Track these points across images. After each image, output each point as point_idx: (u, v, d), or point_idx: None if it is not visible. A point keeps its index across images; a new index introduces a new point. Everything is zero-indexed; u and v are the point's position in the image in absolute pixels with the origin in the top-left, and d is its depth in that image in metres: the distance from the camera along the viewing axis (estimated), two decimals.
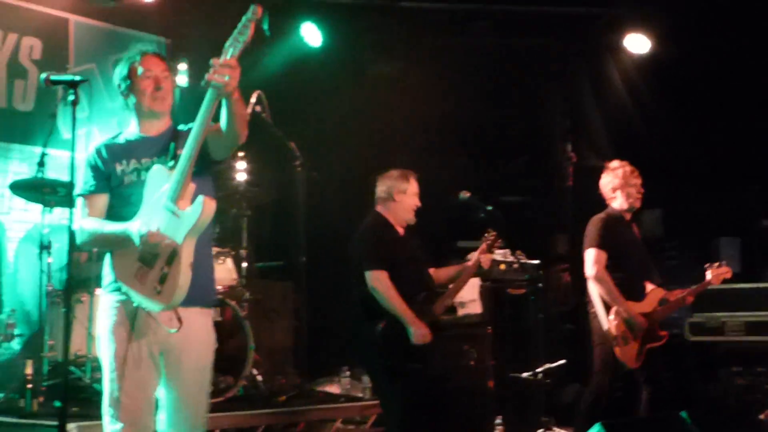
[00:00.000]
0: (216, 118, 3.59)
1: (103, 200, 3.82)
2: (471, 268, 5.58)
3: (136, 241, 3.56)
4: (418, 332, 5.22)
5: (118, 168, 3.81)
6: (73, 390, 5.47)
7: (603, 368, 5.92)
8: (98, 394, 4.86)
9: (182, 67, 8.39)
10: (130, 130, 3.94)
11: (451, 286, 5.61)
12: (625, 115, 9.00)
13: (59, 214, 6.21)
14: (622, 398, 6.31)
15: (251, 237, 7.44)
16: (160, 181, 3.64)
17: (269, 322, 7.14)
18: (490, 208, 5.59)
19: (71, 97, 3.66)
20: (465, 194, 5.65)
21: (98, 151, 3.86)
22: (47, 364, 5.77)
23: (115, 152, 3.84)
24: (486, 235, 5.58)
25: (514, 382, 7.21)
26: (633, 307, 5.82)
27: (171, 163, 3.68)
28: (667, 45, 8.62)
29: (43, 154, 5.91)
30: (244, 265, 6.94)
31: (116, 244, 3.71)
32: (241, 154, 7.19)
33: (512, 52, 9.21)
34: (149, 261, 3.60)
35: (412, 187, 5.60)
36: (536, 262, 6.94)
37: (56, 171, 6.42)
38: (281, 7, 8.67)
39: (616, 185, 6.05)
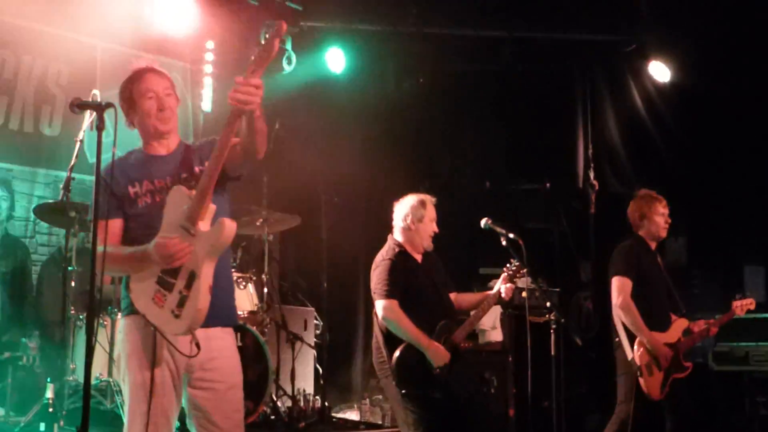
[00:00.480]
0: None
1: (118, 225, 3.75)
2: (492, 298, 5.51)
3: (153, 251, 3.49)
4: (436, 354, 5.13)
5: (132, 191, 3.75)
6: (94, 414, 5.49)
7: (627, 398, 5.86)
8: (119, 418, 4.87)
9: (207, 93, 8.47)
10: (140, 150, 3.88)
11: (472, 314, 5.56)
12: (648, 142, 8.98)
13: (83, 238, 6.25)
14: (646, 428, 6.25)
15: (272, 262, 7.46)
16: (179, 202, 3.58)
17: (290, 348, 7.13)
18: (512, 235, 5.55)
19: (97, 122, 3.58)
20: (487, 221, 5.61)
21: (108, 175, 3.72)
22: (68, 388, 5.80)
23: (127, 175, 3.77)
24: (508, 265, 5.53)
25: (536, 411, 7.15)
26: (657, 338, 5.77)
27: (192, 183, 3.64)
28: (691, 72, 8.61)
29: (69, 179, 5.95)
30: (266, 290, 6.95)
31: (133, 267, 3.65)
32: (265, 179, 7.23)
33: (536, 78, 9.22)
34: (167, 284, 3.55)
35: (429, 213, 5.52)
36: (557, 289, 6.90)
37: (82, 195, 6.47)
38: (306, 32, 8.77)
39: (644, 213, 6.03)
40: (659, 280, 6.01)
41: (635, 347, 5.74)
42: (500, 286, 5.47)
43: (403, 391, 5.14)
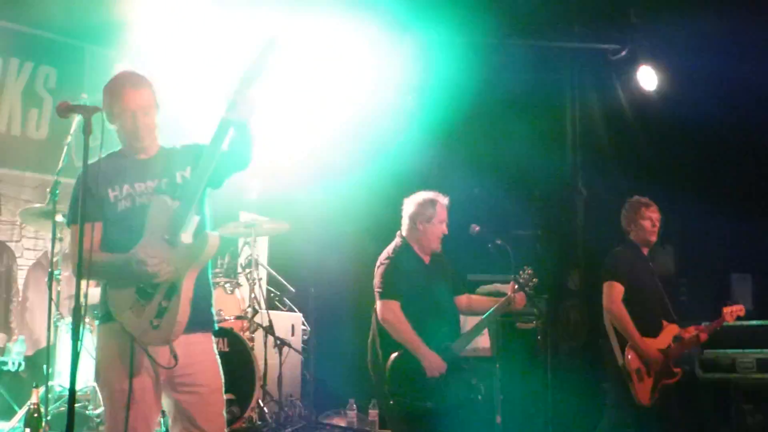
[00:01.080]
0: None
1: (97, 229, 3.70)
2: (500, 306, 5.29)
3: (134, 266, 3.47)
4: (431, 366, 5.01)
5: (111, 194, 3.73)
6: (79, 419, 5.46)
7: (617, 404, 5.86)
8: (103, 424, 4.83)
9: None
10: (118, 153, 3.85)
11: (472, 324, 5.39)
12: (637, 149, 9.00)
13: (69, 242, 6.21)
14: None
15: (260, 267, 7.45)
16: (162, 212, 3.56)
17: (277, 353, 7.11)
18: (499, 241, 5.50)
19: (84, 126, 3.49)
20: (475, 228, 5.54)
21: (88, 177, 3.69)
22: (54, 393, 5.77)
23: (107, 178, 3.73)
24: (521, 272, 5.33)
25: (523, 417, 7.15)
26: (648, 343, 5.78)
27: (175, 192, 3.62)
28: (679, 79, 8.64)
29: (56, 183, 5.92)
30: (253, 295, 6.94)
31: (112, 274, 3.61)
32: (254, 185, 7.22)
33: (524, 85, 9.23)
34: (147, 294, 3.52)
35: (439, 214, 5.36)
36: (545, 296, 6.89)
37: (68, 200, 6.42)
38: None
39: (632, 218, 6.06)
40: (652, 285, 6.04)
41: (626, 353, 5.74)
42: (511, 295, 5.26)
43: (392, 402, 5.04)
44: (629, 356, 5.72)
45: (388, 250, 5.40)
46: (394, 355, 5.07)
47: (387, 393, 5.10)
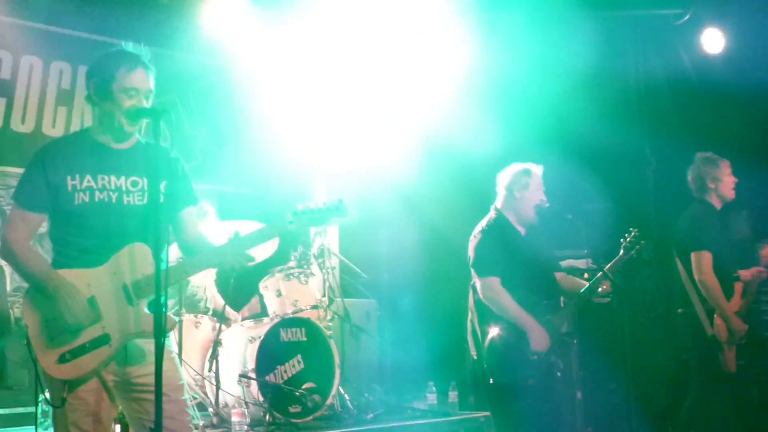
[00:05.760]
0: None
1: (39, 220, 3.38)
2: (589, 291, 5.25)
3: (59, 303, 3.19)
4: (539, 338, 4.94)
5: (70, 183, 3.34)
6: None
7: (707, 376, 5.74)
8: None
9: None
10: (87, 134, 3.49)
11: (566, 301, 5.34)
12: (705, 115, 8.84)
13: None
14: (722, 405, 6.16)
15: (332, 256, 7.51)
16: (141, 262, 3.28)
17: (354, 340, 7.18)
18: (570, 216, 5.44)
19: (153, 129, 3.28)
20: (544, 204, 5.48)
21: (47, 157, 3.36)
22: None
23: (68, 162, 3.36)
24: (626, 235, 5.31)
25: (604, 392, 7.10)
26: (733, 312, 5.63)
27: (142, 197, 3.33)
28: (744, 41, 8.46)
29: None
30: (327, 284, 7.00)
31: (35, 286, 3.29)
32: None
33: (588, 56, 9.12)
34: (74, 327, 3.20)
35: (535, 181, 5.30)
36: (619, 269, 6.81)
37: None
38: None
39: (716, 175, 5.86)
40: (728, 247, 5.86)
41: (715, 322, 5.58)
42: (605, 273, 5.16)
43: (491, 380, 5.00)
44: (720, 326, 5.56)
45: (482, 223, 5.31)
46: (491, 335, 5.02)
47: (487, 370, 5.04)
